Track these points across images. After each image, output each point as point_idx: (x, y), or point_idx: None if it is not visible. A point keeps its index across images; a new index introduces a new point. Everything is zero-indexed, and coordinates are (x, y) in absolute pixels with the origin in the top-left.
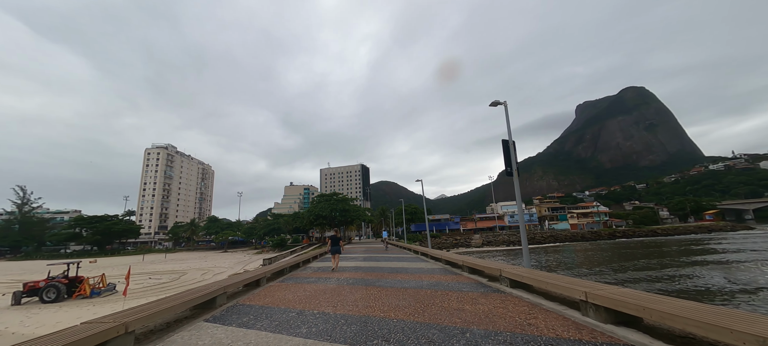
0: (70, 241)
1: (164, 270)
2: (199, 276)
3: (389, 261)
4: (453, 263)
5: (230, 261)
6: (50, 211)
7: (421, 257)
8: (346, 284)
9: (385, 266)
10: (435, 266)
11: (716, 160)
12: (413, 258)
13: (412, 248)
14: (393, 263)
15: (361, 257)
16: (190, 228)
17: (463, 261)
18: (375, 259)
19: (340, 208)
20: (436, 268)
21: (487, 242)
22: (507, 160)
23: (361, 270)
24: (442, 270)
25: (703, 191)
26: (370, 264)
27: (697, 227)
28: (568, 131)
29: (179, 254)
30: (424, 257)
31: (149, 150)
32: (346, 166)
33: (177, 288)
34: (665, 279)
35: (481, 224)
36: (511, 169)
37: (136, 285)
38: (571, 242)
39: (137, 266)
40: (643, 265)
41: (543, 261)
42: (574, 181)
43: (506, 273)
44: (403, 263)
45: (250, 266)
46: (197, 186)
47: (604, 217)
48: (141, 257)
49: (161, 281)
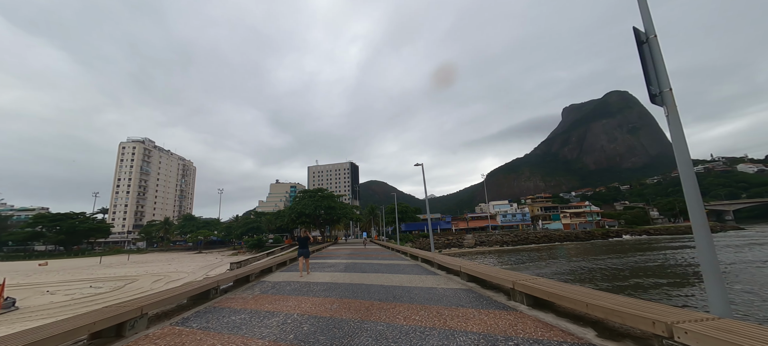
0: (32, 240)
1: (114, 276)
2: (148, 284)
3: (381, 272)
4: (487, 281)
5: (197, 264)
6: (14, 208)
7: (423, 265)
8: (305, 329)
9: (375, 284)
10: (453, 284)
11: (696, 163)
12: (412, 266)
13: (410, 252)
14: (387, 275)
15: (343, 264)
16: (163, 227)
17: (515, 282)
18: (361, 268)
19: (325, 205)
20: (456, 289)
21: (480, 242)
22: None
23: (336, 290)
24: (468, 295)
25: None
26: (351, 279)
27: (687, 227)
28: (555, 133)
29: (148, 255)
30: (429, 266)
31: (124, 144)
32: (334, 164)
33: (108, 301)
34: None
35: (473, 224)
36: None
37: (64, 297)
38: (563, 242)
39: (90, 270)
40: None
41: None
42: (560, 182)
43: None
44: (401, 275)
45: (215, 270)
46: (177, 183)
47: (597, 217)
48: (98, 259)
49: (99, 292)
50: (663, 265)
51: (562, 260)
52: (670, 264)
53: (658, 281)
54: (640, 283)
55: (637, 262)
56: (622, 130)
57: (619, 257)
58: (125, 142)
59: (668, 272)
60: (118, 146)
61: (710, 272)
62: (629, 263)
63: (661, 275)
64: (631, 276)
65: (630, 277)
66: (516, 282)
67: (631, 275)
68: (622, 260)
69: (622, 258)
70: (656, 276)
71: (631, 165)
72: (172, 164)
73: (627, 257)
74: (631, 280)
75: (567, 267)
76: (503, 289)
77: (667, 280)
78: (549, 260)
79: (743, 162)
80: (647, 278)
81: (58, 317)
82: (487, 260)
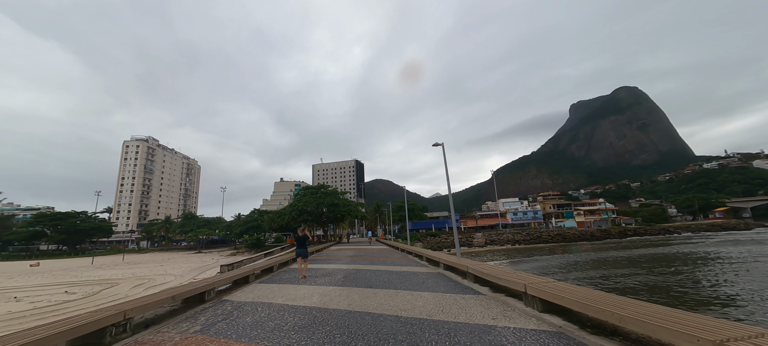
0: (34, 239)
1: (97, 279)
2: (126, 290)
3: (394, 287)
4: (588, 315)
5: (190, 265)
6: (20, 207)
7: (448, 273)
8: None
9: (388, 314)
10: (521, 318)
11: (709, 159)
12: (434, 276)
13: (426, 255)
14: (403, 294)
15: (343, 273)
16: (164, 226)
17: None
18: (365, 279)
19: (327, 202)
20: (537, 333)
21: (490, 241)
22: None
23: (323, 328)
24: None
25: (697, 189)
26: (350, 300)
27: (709, 225)
28: (562, 130)
29: (145, 255)
30: (456, 276)
31: (128, 143)
32: (339, 162)
33: (74, 310)
34: None
35: (483, 222)
36: None
37: (28, 305)
38: (579, 242)
39: (78, 272)
40: None
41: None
42: (567, 179)
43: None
44: (424, 293)
45: (205, 273)
46: (181, 182)
47: (612, 214)
48: (90, 260)
49: (71, 298)
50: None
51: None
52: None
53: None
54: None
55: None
56: (632, 127)
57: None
58: (129, 141)
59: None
60: (122, 145)
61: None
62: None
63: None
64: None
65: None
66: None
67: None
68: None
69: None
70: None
71: (641, 162)
72: (177, 163)
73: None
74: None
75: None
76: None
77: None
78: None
79: (759, 158)
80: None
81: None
82: (498, 259)
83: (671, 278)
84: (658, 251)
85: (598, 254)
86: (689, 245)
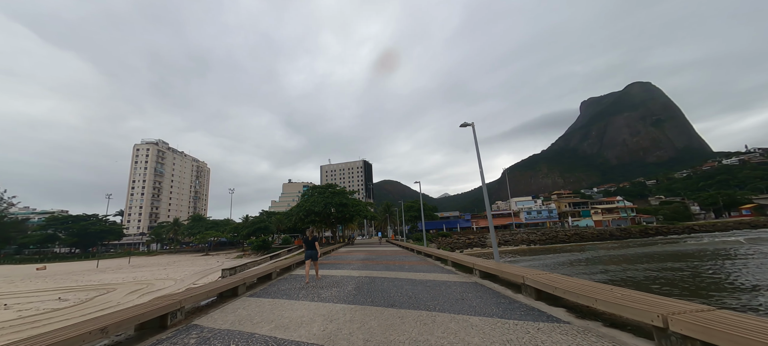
0: (46, 242)
1: (96, 284)
2: (121, 297)
3: (423, 306)
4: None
5: (195, 268)
6: (36, 211)
7: (486, 283)
8: None
9: (412, 332)
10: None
11: (728, 155)
12: (468, 286)
13: (451, 258)
14: (435, 318)
15: (353, 280)
16: (172, 228)
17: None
18: (383, 290)
19: (336, 202)
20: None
21: (504, 242)
22: None
23: None
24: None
25: (717, 186)
26: (365, 323)
27: (737, 222)
28: (573, 128)
29: (152, 258)
30: (495, 285)
31: (138, 146)
32: (347, 163)
33: (61, 321)
34: None
35: (495, 222)
36: None
37: (13, 314)
38: (596, 241)
39: (81, 276)
40: None
41: None
42: (579, 178)
43: None
44: (469, 319)
45: (207, 277)
46: (191, 184)
47: (631, 213)
48: (96, 263)
49: (62, 306)
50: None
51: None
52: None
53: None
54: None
55: None
56: (646, 123)
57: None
58: (139, 144)
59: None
60: (133, 148)
61: None
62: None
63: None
64: None
65: None
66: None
67: None
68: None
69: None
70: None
71: (656, 159)
72: (186, 166)
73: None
74: None
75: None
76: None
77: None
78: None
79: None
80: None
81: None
82: (524, 260)
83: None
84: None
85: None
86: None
